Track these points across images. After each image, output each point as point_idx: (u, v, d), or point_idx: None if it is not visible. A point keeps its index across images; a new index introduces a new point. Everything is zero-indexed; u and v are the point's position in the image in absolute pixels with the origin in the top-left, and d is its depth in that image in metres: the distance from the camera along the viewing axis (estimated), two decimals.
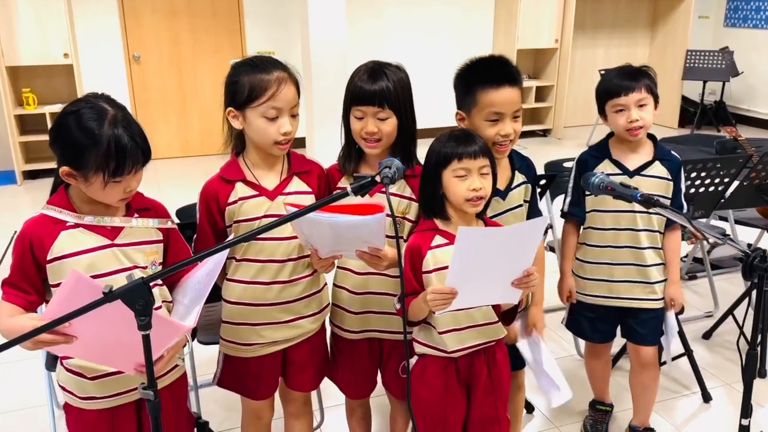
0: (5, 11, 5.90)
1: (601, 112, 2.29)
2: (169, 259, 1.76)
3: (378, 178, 1.44)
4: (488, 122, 1.92)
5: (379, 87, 1.85)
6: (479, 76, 1.95)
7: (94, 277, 1.59)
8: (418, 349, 1.91)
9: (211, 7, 6.86)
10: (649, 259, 2.28)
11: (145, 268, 1.68)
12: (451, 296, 1.66)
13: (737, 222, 3.68)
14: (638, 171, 2.26)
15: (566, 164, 3.20)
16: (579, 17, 7.92)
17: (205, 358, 2.54)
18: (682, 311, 2.38)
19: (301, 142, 6.54)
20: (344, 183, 1.98)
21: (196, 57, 6.85)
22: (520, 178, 2.06)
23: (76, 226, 1.62)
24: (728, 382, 3.00)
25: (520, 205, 2.06)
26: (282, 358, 2.00)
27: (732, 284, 3.91)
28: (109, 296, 1.28)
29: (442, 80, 7.69)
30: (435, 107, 7.75)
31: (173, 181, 5.59)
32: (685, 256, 4.08)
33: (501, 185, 1.99)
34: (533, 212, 2.11)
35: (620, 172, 2.26)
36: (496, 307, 1.89)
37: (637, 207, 2.11)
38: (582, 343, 3.14)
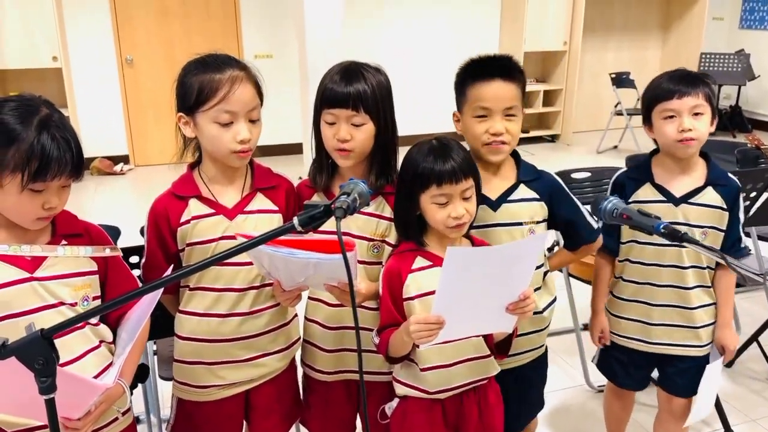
0: None
1: (647, 120, 1.93)
2: (109, 293, 1.51)
3: (337, 205, 1.16)
4: (476, 119, 1.73)
5: (354, 89, 1.59)
6: (471, 70, 1.76)
7: (11, 317, 1.35)
8: (399, 390, 1.66)
9: (206, 8, 6.64)
10: (695, 300, 1.93)
11: (73, 304, 1.42)
12: (437, 326, 1.42)
13: (760, 238, 3.40)
14: (686, 198, 1.88)
15: (575, 175, 2.93)
16: (588, 19, 7.65)
17: None
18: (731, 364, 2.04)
19: (298, 148, 6.31)
20: (316, 199, 1.72)
21: None
22: (526, 192, 1.79)
23: None
24: (754, 417, 2.71)
25: (520, 224, 1.77)
26: (244, 402, 1.74)
27: (755, 304, 3.62)
28: (1, 353, 1.04)
29: (446, 85, 7.56)
30: (438, 113, 7.55)
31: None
32: None
33: (493, 194, 1.75)
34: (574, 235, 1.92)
35: (664, 199, 1.90)
36: (488, 339, 1.65)
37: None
38: (592, 372, 2.89)
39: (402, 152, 1.70)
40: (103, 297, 1.50)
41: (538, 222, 1.79)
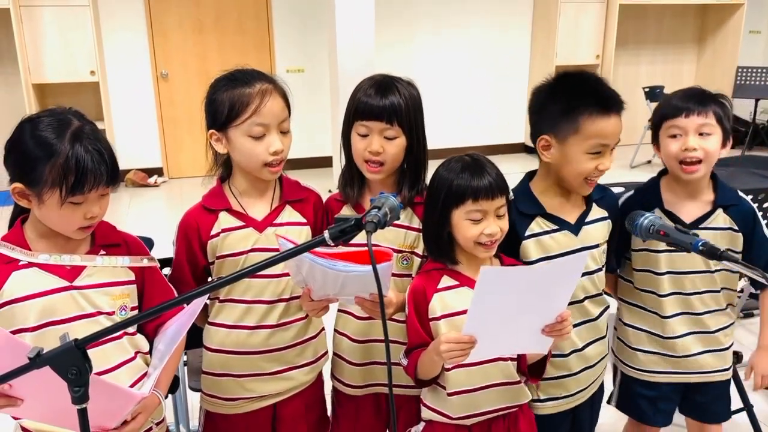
0: (31, 28, 5.86)
1: (656, 140, 1.83)
2: (147, 303, 1.54)
3: (368, 219, 1.16)
4: (590, 155, 1.60)
5: (389, 101, 1.59)
6: (587, 99, 1.60)
7: (51, 324, 1.39)
8: (425, 414, 1.63)
9: (240, 24, 6.74)
10: (712, 324, 1.86)
11: (111, 313, 1.45)
12: (469, 345, 1.38)
13: None
14: (696, 224, 1.79)
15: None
16: (621, 32, 7.57)
17: None
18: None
19: (328, 162, 6.34)
20: (346, 212, 1.73)
21: None
22: (598, 212, 1.74)
23: (30, 265, 1.40)
24: None
25: (597, 246, 1.73)
26: (272, 415, 1.74)
27: None
28: (36, 362, 1.06)
29: (479, 100, 7.54)
30: (472, 127, 7.55)
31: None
32: (741, 291, 3.69)
33: (571, 218, 1.71)
34: (611, 258, 1.81)
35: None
36: (520, 363, 1.61)
37: (700, 266, 1.78)
38: None
39: (430, 165, 1.70)
40: (140, 307, 1.53)
41: (607, 241, 1.76)
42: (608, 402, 2.07)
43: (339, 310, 1.79)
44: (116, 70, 6.46)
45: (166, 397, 1.92)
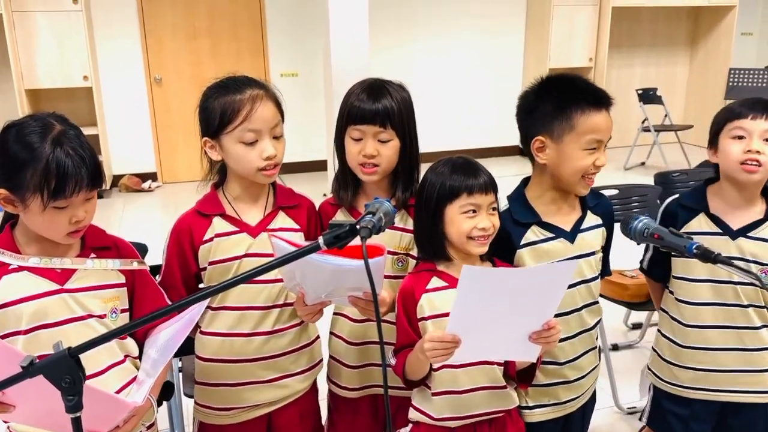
0: (25, 33, 5.83)
1: (713, 143, 1.78)
2: (137, 306, 1.54)
3: (362, 225, 1.15)
4: (586, 151, 1.61)
5: (382, 105, 1.60)
6: (579, 96, 1.62)
7: (42, 327, 1.38)
8: (412, 415, 1.62)
9: (233, 29, 6.73)
10: (757, 341, 1.77)
11: (102, 317, 1.45)
12: (452, 345, 1.39)
13: None
14: (744, 232, 1.74)
15: (602, 192, 2.88)
16: (614, 35, 7.61)
17: None
18: None
19: (322, 165, 6.34)
20: (340, 217, 1.73)
21: None
22: (593, 219, 1.73)
23: (20, 269, 1.40)
24: None
25: (594, 253, 1.71)
26: (267, 424, 1.73)
27: None
28: (29, 371, 1.05)
29: (474, 104, 7.54)
30: (468, 130, 7.57)
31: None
32: None
33: (567, 225, 1.69)
34: (606, 266, 1.80)
35: (719, 231, 1.75)
36: (509, 369, 1.60)
37: (736, 277, 1.71)
38: (621, 394, 2.81)
39: (425, 168, 1.70)
40: (131, 310, 1.53)
41: (602, 248, 1.75)
42: (639, 419, 2.03)
43: (335, 313, 1.79)
44: (110, 76, 6.45)
45: (160, 404, 1.92)
